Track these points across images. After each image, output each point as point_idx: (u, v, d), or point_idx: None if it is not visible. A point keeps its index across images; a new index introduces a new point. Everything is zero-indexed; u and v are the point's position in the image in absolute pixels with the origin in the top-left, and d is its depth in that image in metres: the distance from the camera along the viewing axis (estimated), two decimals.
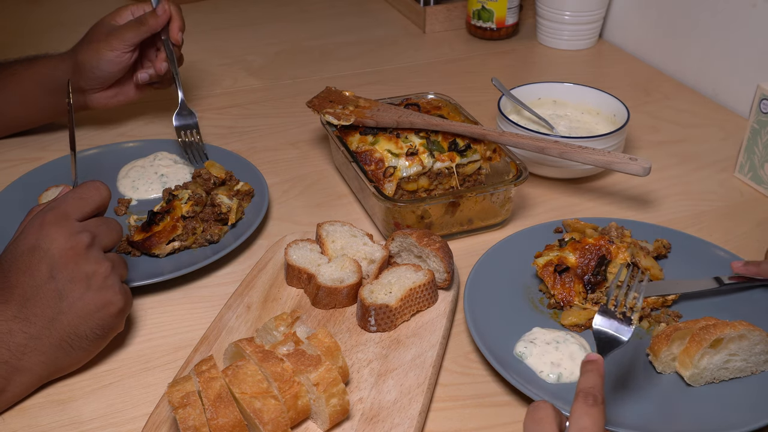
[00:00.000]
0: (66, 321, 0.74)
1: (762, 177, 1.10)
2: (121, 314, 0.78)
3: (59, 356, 0.75)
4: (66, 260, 0.74)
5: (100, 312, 0.76)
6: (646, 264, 0.89)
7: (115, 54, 1.11)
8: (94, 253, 0.76)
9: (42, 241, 0.74)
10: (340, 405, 0.70)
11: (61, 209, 0.76)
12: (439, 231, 0.99)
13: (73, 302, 0.74)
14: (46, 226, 0.75)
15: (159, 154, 1.13)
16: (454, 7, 1.69)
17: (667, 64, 1.51)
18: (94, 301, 0.75)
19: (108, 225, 0.79)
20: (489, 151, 1.04)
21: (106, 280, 0.76)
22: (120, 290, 0.77)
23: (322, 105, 1.12)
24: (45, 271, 0.74)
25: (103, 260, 0.76)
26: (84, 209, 0.77)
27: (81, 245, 0.74)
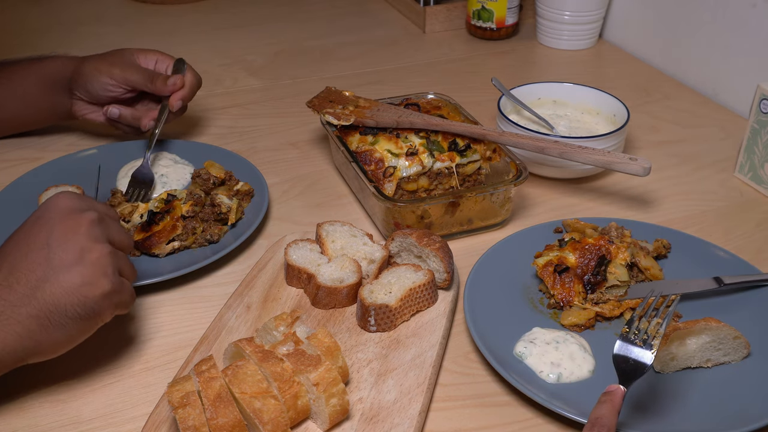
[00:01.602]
0: (49, 290, 0.70)
1: (762, 177, 1.10)
2: (106, 298, 0.72)
3: (37, 331, 0.70)
4: (65, 229, 0.72)
5: (84, 288, 0.71)
6: (646, 264, 0.89)
7: (110, 83, 1.12)
8: (97, 231, 0.73)
9: (48, 210, 0.74)
10: (339, 405, 0.70)
11: (74, 195, 0.76)
12: (439, 231, 0.99)
13: (59, 270, 0.71)
14: (59, 197, 0.75)
15: (159, 154, 1.13)
16: (454, 7, 1.69)
17: (667, 64, 1.51)
18: (81, 275, 0.71)
19: (122, 230, 0.78)
20: (489, 151, 1.04)
21: (100, 259, 0.72)
22: (113, 273, 0.73)
23: (322, 105, 1.12)
24: (42, 239, 0.72)
25: (102, 241, 0.73)
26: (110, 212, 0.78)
27: (86, 219, 0.73)
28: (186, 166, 1.11)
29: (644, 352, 0.70)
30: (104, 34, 1.68)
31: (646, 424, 0.72)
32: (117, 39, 1.66)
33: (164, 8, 1.84)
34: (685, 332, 0.77)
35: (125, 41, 1.64)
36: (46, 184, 1.05)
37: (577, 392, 0.75)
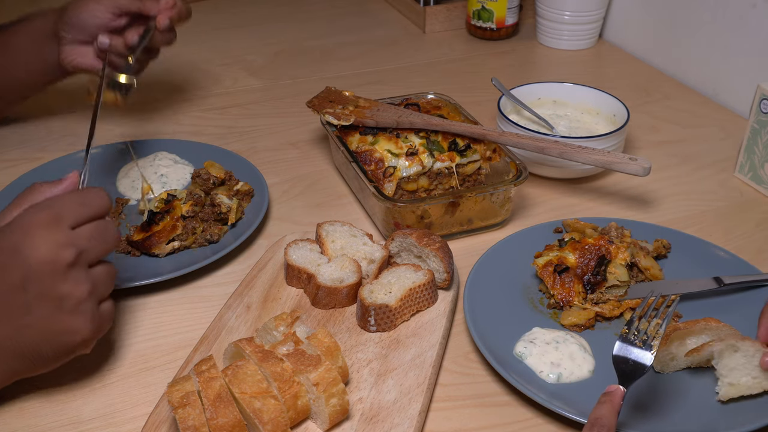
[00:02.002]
0: (29, 336, 0.69)
1: (762, 177, 1.10)
2: (86, 343, 0.72)
3: (19, 367, 0.72)
4: (42, 274, 0.68)
5: (65, 336, 0.70)
6: (646, 264, 0.89)
7: (99, 9, 1.05)
8: (75, 272, 0.69)
9: (24, 244, 0.68)
10: (339, 405, 0.70)
11: (55, 210, 0.70)
12: (439, 231, 0.99)
13: (38, 320, 0.69)
14: (34, 227, 0.68)
15: (159, 154, 1.13)
16: (454, 7, 1.69)
17: (667, 64, 1.51)
18: (61, 325, 0.70)
19: (102, 235, 0.73)
20: (489, 151, 1.04)
21: (80, 305, 0.70)
22: (92, 317, 0.71)
23: (322, 105, 1.12)
24: (18, 279, 0.68)
25: (82, 282, 0.70)
26: (81, 216, 0.71)
27: (62, 261, 0.68)
28: (186, 166, 1.11)
29: (644, 353, 0.70)
30: None
31: (646, 424, 0.72)
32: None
33: None
34: (685, 332, 0.77)
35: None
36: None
37: (577, 392, 0.75)
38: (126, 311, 0.88)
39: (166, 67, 1.52)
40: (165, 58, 1.55)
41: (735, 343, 0.75)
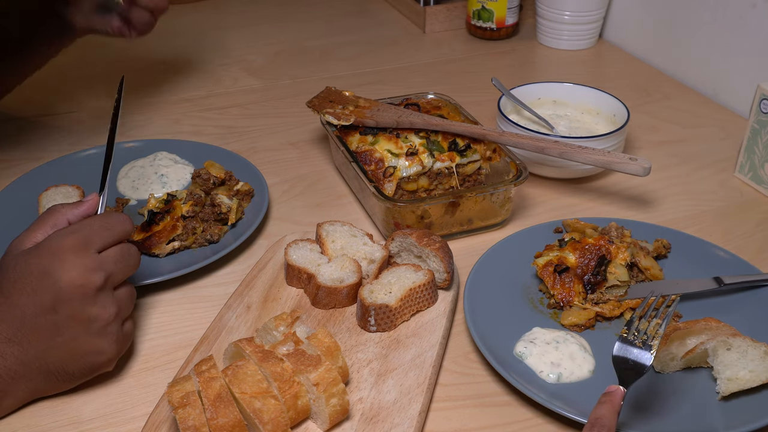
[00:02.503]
0: (57, 356, 0.72)
1: (762, 177, 1.10)
2: (111, 362, 0.76)
3: (45, 386, 0.74)
4: (72, 297, 0.71)
5: (92, 357, 0.74)
6: (646, 264, 0.89)
7: None
8: (103, 296, 0.73)
9: (54, 268, 0.71)
10: (339, 405, 0.70)
11: (83, 235, 0.72)
12: (439, 231, 0.99)
13: (67, 340, 0.72)
14: (63, 252, 0.71)
15: (159, 154, 1.13)
16: (454, 7, 1.69)
17: (667, 64, 1.51)
18: (89, 346, 0.73)
19: (126, 258, 0.76)
20: (489, 151, 1.04)
21: (107, 327, 0.73)
22: (117, 338, 0.75)
23: (322, 105, 1.12)
24: (48, 301, 0.71)
25: (109, 305, 0.73)
26: (107, 240, 0.74)
27: (92, 285, 0.71)
28: (186, 166, 1.11)
29: (643, 353, 0.70)
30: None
31: (646, 424, 0.72)
32: (117, 39, 1.65)
33: None
34: (685, 332, 0.77)
35: (125, 41, 1.64)
36: (46, 184, 1.05)
37: (577, 392, 0.75)
38: None
39: (167, 67, 1.52)
40: (165, 58, 1.56)
41: (726, 339, 0.75)
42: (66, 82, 1.45)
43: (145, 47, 1.61)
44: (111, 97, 1.37)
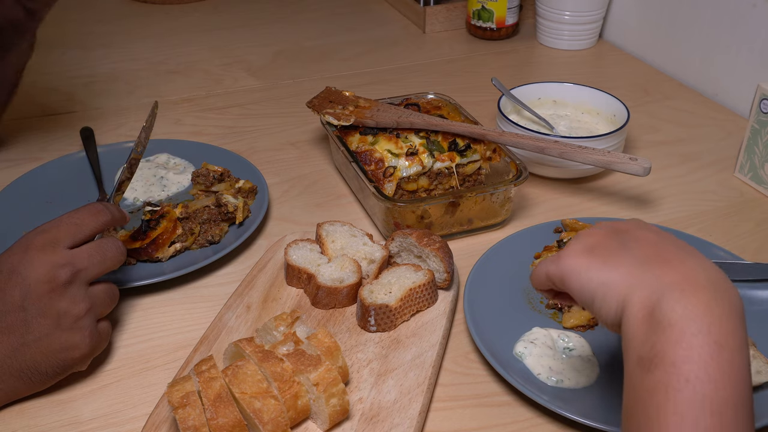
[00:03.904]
0: (28, 354, 0.71)
1: (762, 177, 1.10)
2: (85, 358, 0.75)
3: (17, 386, 0.73)
4: (40, 293, 0.71)
5: (64, 353, 0.73)
6: None
7: None
8: (73, 290, 0.72)
9: (23, 266, 0.71)
10: (339, 405, 0.70)
11: (51, 234, 0.73)
12: (439, 231, 0.99)
13: (38, 337, 0.71)
14: (31, 250, 0.71)
15: (159, 155, 1.13)
16: (454, 7, 1.69)
17: (667, 64, 1.51)
18: (60, 342, 0.72)
19: (102, 253, 0.75)
20: (489, 151, 1.04)
21: (78, 321, 0.72)
22: (90, 333, 0.74)
23: (322, 105, 1.12)
24: (18, 298, 0.70)
25: (80, 300, 0.72)
26: (76, 236, 0.74)
27: (59, 280, 0.71)
28: (186, 167, 1.11)
29: None
30: (104, 34, 1.68)
31: None
32: (117, 39, 1.66)
33: (164, 8, 1.84)
34: None
35: (125, 41, 1.65)
36: (47, 184, 1.05)
37: (578, 393, 0.75)
38: (126, 311, 0.88)
39: (166, 67, 1.52)
40: (165, 58, 1.56)
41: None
42: (66, 82, 1.45)
43: (146, 47, 1.62)
44: (111, 97, 1.39)
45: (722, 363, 0.50)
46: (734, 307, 0.53)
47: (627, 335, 0.55)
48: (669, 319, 0.52)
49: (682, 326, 0.52)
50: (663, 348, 0.52)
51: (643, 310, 0.54)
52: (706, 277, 0.55)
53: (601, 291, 0.58)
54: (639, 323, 0.54)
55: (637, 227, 0.62)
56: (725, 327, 0.52)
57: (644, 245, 0.59)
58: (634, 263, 0.57)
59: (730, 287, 0.55)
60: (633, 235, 0.60)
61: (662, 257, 0.57)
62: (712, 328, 0.51)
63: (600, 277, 0.58)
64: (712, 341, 0.51)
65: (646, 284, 0.55)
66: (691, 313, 0.52)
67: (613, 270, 0.58)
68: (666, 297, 0.53)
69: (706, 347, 0.50)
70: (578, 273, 0.60)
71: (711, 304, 0.52)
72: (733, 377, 0.50)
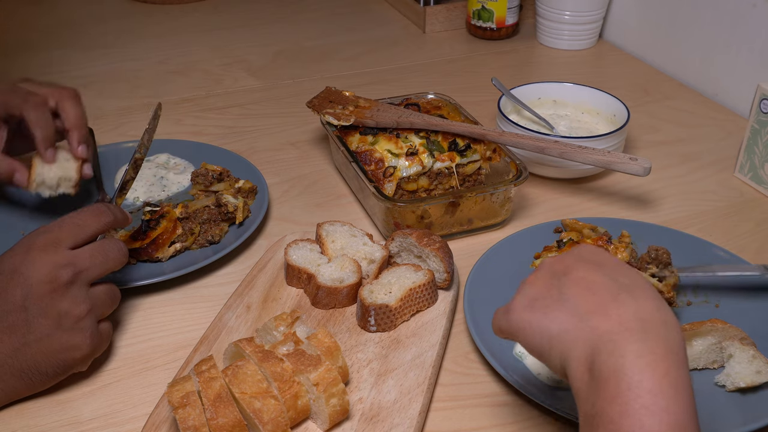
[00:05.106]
0: (29, 354, 0.72)
1: (762, 177, 1.10)
2: (85, 359, 0.75)
3: (17, 385, 0.73)
4: (41, 293, 0.71)
5: (65, 353, 0.73)
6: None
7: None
8: (74, 290, 0.72)
9: (24, 266, 0.71)
10: (339, 405, 0.70)
11: (53, 234, 0.73)
12: (439, 231, 0.99)
13: (39, 338, 0.71)
14: (33, 251, 0.72)
15: (159, 155, 1.13)
16: (454, 7, 1.69)
17: (667, 64, 1.51)
18: (61, 342, 0.72)
19: (103, 254, 0.75)
20: (489, 151, 1.04)
21: (79, 322, 0.73)
22: (91, 334, 0.74)
23: (322, 105, 1.12)
24: (19, 298, 0.71)
25: (81, 300, 0.73)
26: (78, 237, 0.74)
27: (60, 281, 0.71)
28: (186, 167, 1.11)
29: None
30: (104, 34, 1.68)
31: None
32: (117, 39, 1.66)
33: (164, 8, 1.84)
34: (692, 333, 0.77)
35: (125, 41, 1.65)
36: None
37: None
38: (126, 311, 0.88)
39: (166, 67, 1.52)
40: (165, 58, 1.56)
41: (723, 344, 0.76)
42: (66, 82, 1.45)
43: (146, 47, 1.62)
44: (111, 97, 1.39)
45: (657, 412, 0.49)
46: (669, 346, 0.52)
47: (573, 391, 0.55)
48: (604, 375, 0.52)
49: (616, 381, 0.51)
50: (602, 406, 0.51)
51: (582, 366, 0.54)
52: (638, 318, 0.54)
53: (546, 345, 0.58)
54: (580, 379, 0.54)
55: (576, 264, 0.60)
56: (659, 371, 0.51)
57: (581, 292, 0.58)
58: (571, 315, 0.57)
59: (664, 324, 0.54)
60: (571, 279, 0.59)
61: (598, 303, 0.56)
62: (644, 377, 0.50)
63: (542, 332, 0.58)
64: (645, 392, 0.50)
65: (583, 338, 0.55)
66: (622, 366, 0.51)
67: (552, 324, 0.57)
68: (600, 350, 0.53)
69: (639, 400, 0.50)
70: (524, 330, 0.60)
71: (642, 351, 0.51)
72: (671, 422, 0.49)
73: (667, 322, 0.54)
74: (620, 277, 0.58)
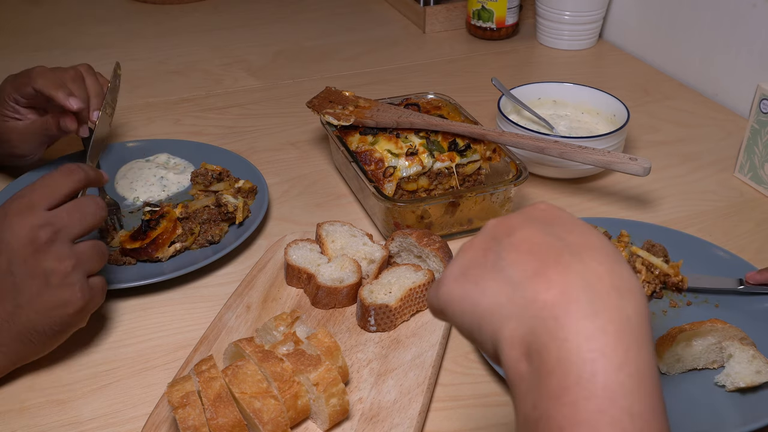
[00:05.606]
0: (24, 316, 0.73)
1: (762, 177, 1.10)
2: (81, 312, 0.75)
3: (20, 349, 0.75)
4: (25, 255, 0.72)
5: (58, 310, 0.74)
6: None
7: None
8: (57, 248, 0.73)
9: (4, 232, 0.72)
10: (339, 405, 0.70)
11: (27, 198, 0.74)
12: (439, 231, 0.99)
13: (30, 298, 0.72)
14: (9, 216, 0.73)
15: (159, 155, 1.13)
16: (454, 7, 1.69)
17: (667, 64, 1.51)
18: (52, 299, 0.73)
19: (81, 210, 0.76)
20: (489, 151, 1.04)
21: (66, 277, 0.73)
22: (81, 288, 0.74)
23: (322, 105, 1.12)
24: (4, 264, 0.72)
25: (65, 257, 0.73)
26: (52, 197, 0.74)
27: (40, 240, 0.72)
28: (186, 167, 1.11)
29: None
30: (104, 34, 1.68)
31: None
32: (117, 39, 1.66)
33: (164, 8, 1.84)
34: (691, 333, 0.77)
35: (125, 41, 1.65)
36: None
37: None
38: (126, 311, 0.88)
39: (166, 67, 1.52)
40: (165, 58, 1.56)
41: (724, 344, 0.76)
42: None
43: (146, 47, 1.62)
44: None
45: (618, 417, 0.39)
46: (625, 322, 0.41)
47: (508, 383, 0.44)
48: (546, 365, 0.41)
49: (561, 373, 0.40)
50: (546, 408, 0.40)
51: (516, 350, 0.43)
52: (585, 286, 0.42)
53: (476, 324, 0.46)
54: (514, 369, 0.43)
55: (521, 224, 0.47)
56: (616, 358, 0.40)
57: (520, 257, 0.45)
58: (505, 284, 0.45)
59: (617, 291, 0.42)
60: (512, 242, 0.46)
61: (536, 269, 0.44)
62: (596, 367, 0.40)
63: (472, 307, 0.46)
64: (600, 389, 0.39)
65: (516, 314, 0.43)
66: (567, 354, 0.40)
67: (483, 297, 0.46)
68: (539, 331, 0.42)
69: (593, 401, 0.39)
70: (451, 304, 0.48)
71: (592, 331, 0.40)
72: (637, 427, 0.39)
73: (621, 288, 0.42)
74: (569, 235, 0.46)
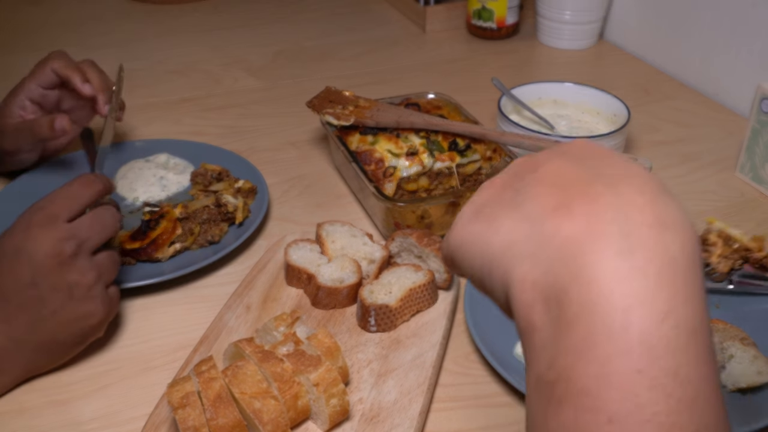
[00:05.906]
0: (47, 328, 0.74)
1: (763, 177, 1.10)
2: (101, 324, 0.78)
3: (38, 359, 0.76)
4: (49, 268, 0.72)
5: (81, 322, 0.75)
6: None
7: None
8: (80, 261, 0.74)
9: (27, 243, 0.72)
10: (340, 405, 0.70)
11: (49, 210, 0.74)
12: (439, 231, 0.99)
13: (54, 311, 0.73)
14: (32, 228, 0.73)
15: (159, 155, 1.13)
16: (454, 7, 1.69)
17: (667, 64, 1.51)
18: (76, 312, 0.74)
19: (100, 222, 0.77)
20: (489, 151, 1.04)
21: (90, 290, 0.75)
22: (102, 300, 0.76)
23: (322, 105, 1.12)
24: (27, 276, 0.72)
25: (88, 269, 0.74)
26: (73, 208, 0.75)
27: (65, 254, 0.73)
28: (186, 167, 1.11)
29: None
30: (104, 33, 1.68)
31: None
32: (117, 39, 1.66)
33: (164, 8, 1.84)
34: None
35: (125, 41, 1.65)
36: (47, 183, 1.05)
37: None
38: (126, 311, 0.88)
39: (166, 67, 1.52)
40: (165, 58, 1.56)
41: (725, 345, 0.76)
42: None
43: (146, 47, 1.61)
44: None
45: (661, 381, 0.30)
46: (670, 260, 0.32)
47: (520, 338, 0.37)
48: (566, 312, 0.32)
49: (585, 324, 0.31)
50: (565, 366, 0.32)
51: (529, 295, 0.35)
52: (618, 219, 0.33)
53: (487, 268, 0.40)
54: (527, 318, 0.35)
55: (550, 158, 0.40)
56: (656, 306, 0.31)
57: (544, 187, 0.37)
58: (522, 220, 0.37)
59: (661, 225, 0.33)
60: (537, 176, 0.39)
61: (564, 199, 0.36)
62: (631, 317, 0.31)
63: (483, 249, 0.40)
64: (636, 344, 0.30)
65: (531, 252, 0.36)
66: (593, 297, 0.31)
67: (496, 236, 0.38)
68: (558, 271, 0.33)
69: (628, 358, 0.30)
70: (461, 248, 0.42)
71: (626, 271, 0.32)
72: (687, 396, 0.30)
73: (665, 222, 0.34)
74: (606, 168, 0.38)
